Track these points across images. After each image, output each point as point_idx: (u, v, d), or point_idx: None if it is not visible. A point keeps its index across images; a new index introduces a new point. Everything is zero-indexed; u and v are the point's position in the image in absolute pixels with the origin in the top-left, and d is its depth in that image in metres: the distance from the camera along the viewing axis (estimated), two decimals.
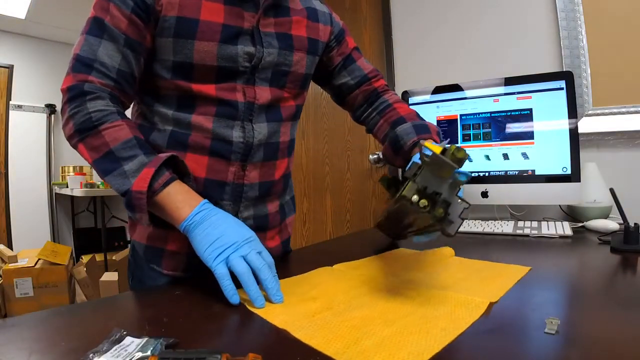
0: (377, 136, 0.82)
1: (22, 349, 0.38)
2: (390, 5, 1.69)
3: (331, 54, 0.79)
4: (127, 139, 0.57)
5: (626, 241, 0.73)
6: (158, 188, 0.55)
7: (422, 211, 0.45)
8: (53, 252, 2.46)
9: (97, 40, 0.58)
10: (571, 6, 1.23)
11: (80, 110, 0.57)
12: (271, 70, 0.67)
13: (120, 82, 0.60)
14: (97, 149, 0.57)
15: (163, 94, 0.65)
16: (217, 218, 0.55)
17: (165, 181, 0.56)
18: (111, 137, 0.57)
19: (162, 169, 0.56)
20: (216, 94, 0.63)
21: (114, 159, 0.56)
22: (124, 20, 0.58)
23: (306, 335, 0.39)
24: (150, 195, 0.55)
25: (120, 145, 0.56)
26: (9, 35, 3.68)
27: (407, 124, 0.72)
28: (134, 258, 0.73)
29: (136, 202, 0.55)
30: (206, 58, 0.61)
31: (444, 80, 1.28)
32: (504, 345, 0.36)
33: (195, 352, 0.32)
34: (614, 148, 1.19)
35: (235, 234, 0.54)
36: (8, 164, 3.67)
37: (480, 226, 1.03)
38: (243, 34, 0.63)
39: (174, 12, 0.59)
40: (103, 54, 0.58)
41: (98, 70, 0.58)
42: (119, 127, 0.58)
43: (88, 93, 0.57)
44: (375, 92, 0.83)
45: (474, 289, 0.52)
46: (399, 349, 0.35)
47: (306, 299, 0.51)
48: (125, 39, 0.58)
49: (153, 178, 0.55)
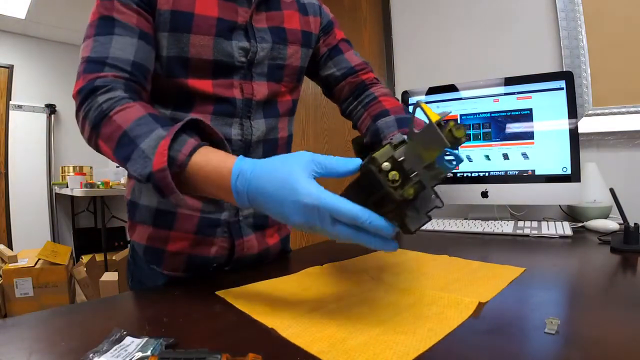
0: (360, 130, 0.77)
1: (22, 349, 0.38)
2: (390, 5, 1.69)
3: (318, 45, 0.78)
4: (139, 117, 0.50)
5: (626, 241, 0.73)
6: (183, 160, 0.45)
7: (389, 185, 0.37)
8: (53, 252, 2.46)
9: (108, 38, 0.55)
10: (571, 6, 1.23)
11: (92, 106, 0.52)
12: (267, 64, 0.67)
13: (135, 74, 0.56)
14: (111, 137, 0.50)
15: (160, 93, 0.64)
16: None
17: (191, 150, 0.46)
18: (122, 119, 0.50)
19: (183, 137, 0.47)
20: (213, 90, 0.63)
21: (129, 141, 0.48)
22: (133, 15, 0.57)
23: (293, 334, 0.39)
24: (178, 171, 0.46)
25: (133, 124, 0.49)
26: (9, 35, 3.68)
27: (390, 117, 0.69)
28: (133, 259, 0.73)
29: (161, 183, 0.45)
30: (202, 52, 0.61)
31: (444, 80, 1.28)
32: (503, 345, 0.36)
33: (195, 352, 0.32)
34: (614, 148, 1.19)
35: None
36: (8, 164, 3.67)
37: (480, 226, 1.03)
38: (237, 28, 0.63)
39: (167, 5, 0.58)
40: (116, 49, 0.55)
41: (111, 64, 0.54)
42: (131, 108, 0.51)
43: (99, 88, 0.53)
44: (362, 84, 0.80)
45: (466, 290, 0.51)
46: (385, 349, 0.35)
47: (295, 299, 0.51)
48: (140, 32, 0.57)
49: (172, 148, 0.45)
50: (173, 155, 0.45)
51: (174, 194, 0.45)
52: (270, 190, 0.40)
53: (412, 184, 0.37)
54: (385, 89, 0.79)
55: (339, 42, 0.80)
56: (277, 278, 0.60)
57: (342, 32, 0.81)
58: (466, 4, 1.48)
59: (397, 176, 0.37)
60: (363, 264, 0.68)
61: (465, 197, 1.15)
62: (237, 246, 0.69)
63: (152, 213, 0.67)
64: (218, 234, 0.68)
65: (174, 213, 0.66)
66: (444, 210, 1.40)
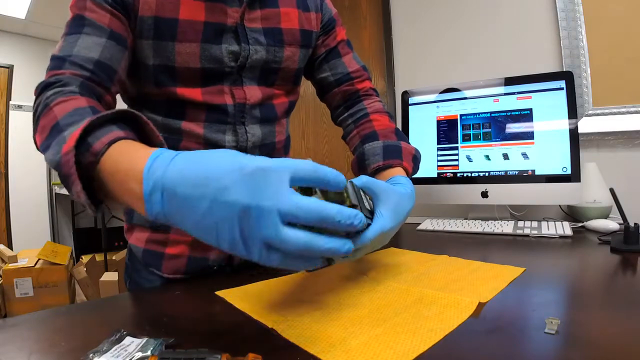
0: (349, 145, 0.75)
1: (22, 349, 0.38)
2: (390, 5, 1.69)
3: (316, 44, 0.73)
4: (77, 107, 0.44)
5: (626, 241, 0.73)
6: (100, 149, 0.36)
7: None
8: (53, 252, 2.46)
9: (76, 37, 0.53)
10: (571, 6, 1.23)
11: (41, 100, 0.48)
12: (259, 68, 0.64)
13: (97, 73, 0.53)
14: (44, 128, 0.44)
15: (151, 100, 0.62)
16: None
17: (112, 139, 0.37)
18: (60, 109, 0.44)
19: (110, 127, 0.39)
20: (203, 98, 0.61)
21: (57, 131, 0.41)
22: (105, 14, 0.54)
23: (293, 334, 0.39)
24: (93, 162, 0.37)
25: (68, 114, 0.43)
26: (9, 35, 3.68)
27: (378, 142, 0.66)
28: (131, 261, 0.71)
29: (63, 169, 0.37)
30: (189, 60, 0.58)
31: (444, 80, 1.28)
32: (503, 345, 0.36)
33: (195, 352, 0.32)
34: (614, 148, 1.19)
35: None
36: (8, 164, 3.68)
37: (480, 226, 1.03)
38: (226, 31, 0.60)
39: (150, 12, 0.55)
40: (81, 47, 0.52)
41: (72, 62, 0.51)
42: (73, 100, 0.45)
43: (52, 83, 0.49)
44: (356, 94, 0.77)
45: (466, 290, 0.51)
46: (385, 349, 0.35)
47: (296, 299, 0.50)
48: (111, 32, 0.54)
49: (92, 134, 0.37)
50: (90, 141, 0.37)
51: (74, 185, 0.36)
52: (199, 169, 0.31)
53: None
54: (379, 104, 0.76)
55: (339, 43, 0.76)
56: (277, 278, 0.60)
57: (344, 31, 0.77)
58: (466, 4, 1.48)
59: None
60: (363, 264, 0.68)
61: (465, 197, 1.15)
62: None
63: None
64: None
65: None
66: (444, 210, 1.40)
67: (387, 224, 0.44)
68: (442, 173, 1.19)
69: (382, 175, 0.62)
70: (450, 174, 1.18)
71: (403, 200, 0.49)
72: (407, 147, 0.66)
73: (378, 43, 1.74)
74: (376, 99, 0.78)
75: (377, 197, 0.46)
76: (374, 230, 0.42)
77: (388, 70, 1.68)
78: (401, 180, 0.58)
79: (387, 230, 0.44)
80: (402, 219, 0.49)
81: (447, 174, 1.18)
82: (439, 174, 1.20)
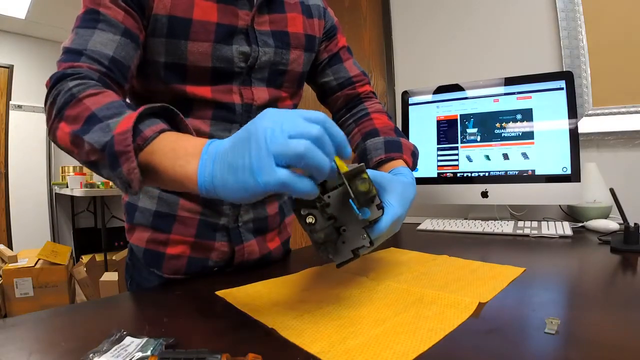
0: (350, 144, 0.75)
1: (22, 349, 0.38)
2: (390, 5, 1.69)
3: (319, 49, 0.76)
4: (112, 101, 0.46)
5: (626, 241, 0.73)
6: (150, 135, 0.41)
7: (306, 227, 0.41)
8: (53, 252, 2.46)
9: (90, 31, 0.53)
10: (571, 6, 1.23)
11: (61, 90, 0.48)
12: (268, 69, 0.66)
13: (113, 70, 0.53)
14: (77, 117, 0.45)
15: (156, 97, 0.62)
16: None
17: (161, 129, 0.42)
18: (93, 101, 0.45)
19: (154, 119, 0.43)
20: (212, 96, 0.62)
21: (95, 121, 0.43)
22: (120, 11, 0.54)
23: (293, 334, 0.39)
24: (140, 147, 0.40)
25: (104, 106, 0.45)
26: (9, 35, 3.68)
27: (379, 138, 0.68)
28: (132, 261, 0.72)
29: (119, 147, 0.39)
30: (200, 59, 0.59)
31: (444, 80, 1.28)
32: (503, 345, 0.36)
33: (195, 352, 0.32)
34: (614, 148, 1.19)
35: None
36: (8, 164, 3.68)
37: (480, 226, 1.03)
38: (237, 33, 0.62)
39: (165, 11, 0.57)
40: (96, 42, 0.52)
41: (89, 56, 0.51)
42: (104, 93, 0.47)
43: (71, 74, 0.49)
44: (357, 97, 0.80)
45: (466, 290, 0.51)
46: (384, 349, 0.35)
47: (296, 299, 0.51)
48: (125, 29, 0.54)
49: (141, 122, 0.41)
50: (141, 128, 0.41)
51: (127, 163, 0.39)
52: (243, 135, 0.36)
53: (323, 229, 0.43)
54: (379, 105, 0.80)
55: (340, 49, 0.79)
56: (277, 278, 0.60)
57: (345, 38, 0.80)
58: (466, 3, 1.48)
59: (313, 220, 0.42)
60: (363, 264, 0.68)
61: (465, 197, 1.15)
62: (237, 252, 0.68)
63: (150, 216, 0.67)
64: (218, 239, 0.67)
65: (173, 216, 0.66)
66: (444, 210, 1.40)
67: (397, 212, 0.48)
68: (442, 173, 1.19)
69: (384, 168, 0.65)
70: (450, 174, 1.18)
71: (408, 188, 0.53)
72: (407, 143, 0.69)
73: (378, 43, 1.74)
74: (376, 101, 0.81)
75: (384, 188, 0.50)
76: (388, 220, 0.45)
77: (388, 70, 1.68)
78: (402, 171, 0.61)
79: (398, 217, 0.48)
80: (408, 205, 0.52)
81: (447, 174, 1.18)
82: (439, 174, 1.20)
